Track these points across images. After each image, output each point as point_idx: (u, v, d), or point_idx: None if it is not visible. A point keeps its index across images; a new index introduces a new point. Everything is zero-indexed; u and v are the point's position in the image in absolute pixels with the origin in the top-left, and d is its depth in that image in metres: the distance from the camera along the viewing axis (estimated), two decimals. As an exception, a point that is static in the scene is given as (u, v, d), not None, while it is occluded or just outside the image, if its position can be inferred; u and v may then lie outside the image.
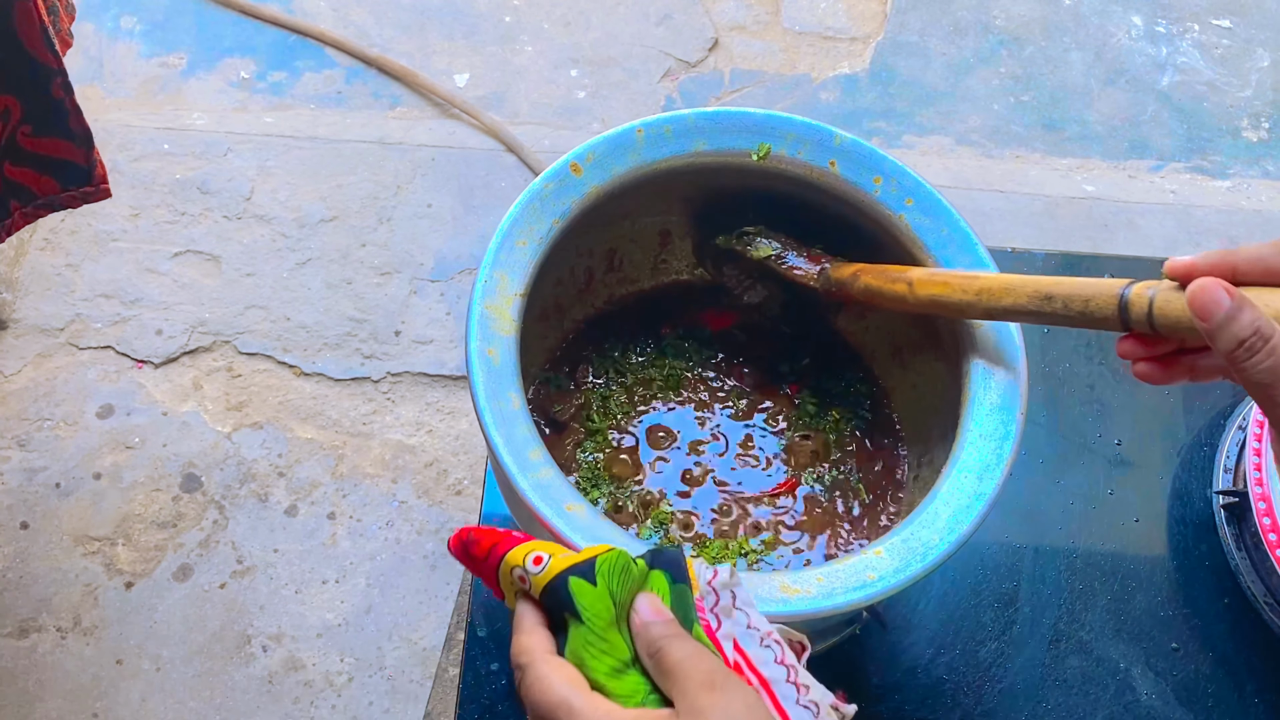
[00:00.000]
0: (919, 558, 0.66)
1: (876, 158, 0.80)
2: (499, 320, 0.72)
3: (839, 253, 0.83)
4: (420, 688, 1.49)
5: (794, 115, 0.81)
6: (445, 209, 1.90)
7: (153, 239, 1.84)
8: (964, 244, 0.77)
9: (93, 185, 1.26)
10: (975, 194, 1.97)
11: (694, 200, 0.87)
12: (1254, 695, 0.88)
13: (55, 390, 1.69)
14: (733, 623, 0.55)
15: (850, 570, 0.65)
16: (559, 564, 0.54)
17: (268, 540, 1.59)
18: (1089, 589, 0.92)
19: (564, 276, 0.88)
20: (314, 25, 2.10)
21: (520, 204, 0.76)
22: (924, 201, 0.79)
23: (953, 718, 0.86)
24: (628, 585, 0.54)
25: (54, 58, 1.13)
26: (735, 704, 0.48)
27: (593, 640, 0.52)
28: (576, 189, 0.77)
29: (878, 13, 2.22)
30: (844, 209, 0.81)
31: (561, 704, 0.49)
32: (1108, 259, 1.10)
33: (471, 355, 0.69)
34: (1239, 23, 2.25)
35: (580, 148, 0.78)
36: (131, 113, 1.98)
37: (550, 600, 0.54)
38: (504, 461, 0.66)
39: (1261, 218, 2.00)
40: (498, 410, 0.68)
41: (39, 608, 1.52)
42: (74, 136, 1.22)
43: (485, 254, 0.74)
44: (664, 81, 2.09)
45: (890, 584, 0.65)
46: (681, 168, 0.80)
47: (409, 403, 1.71)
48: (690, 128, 0.80)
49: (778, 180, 0.82)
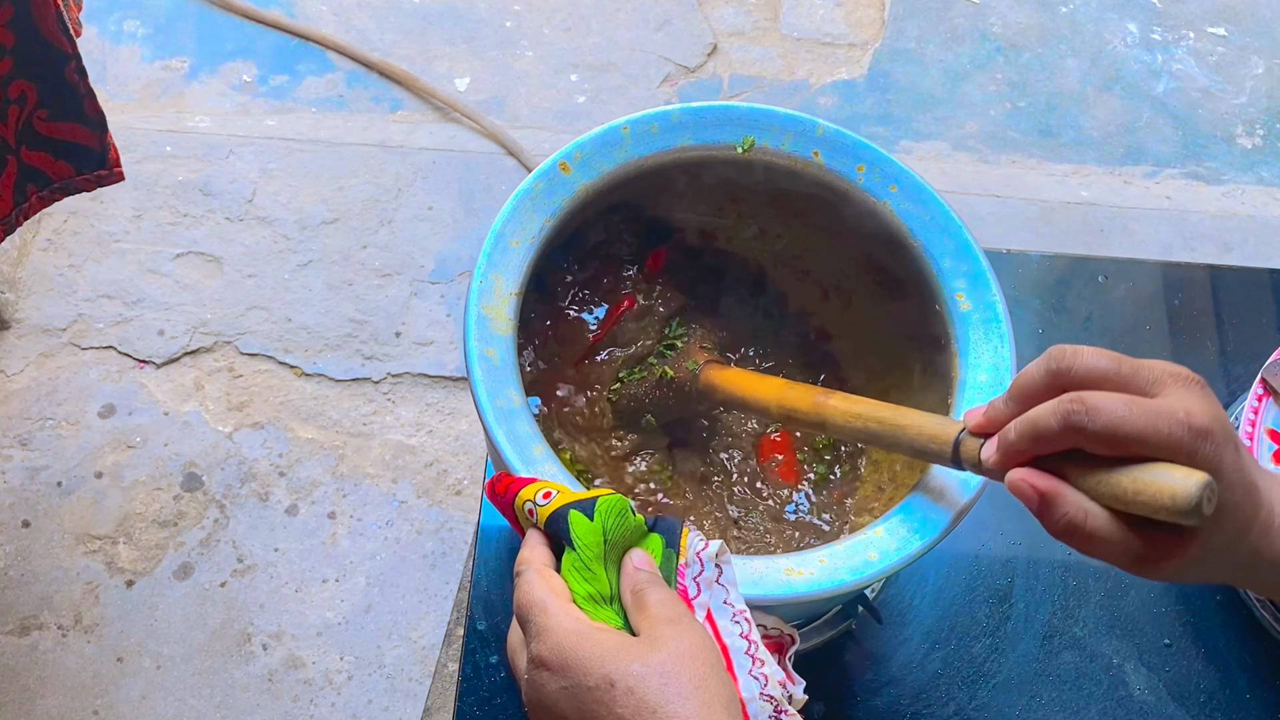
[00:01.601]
0: (918, 536, 0.67)
1: (860, 146, 0.81)
2: (496, 320, 0.73)
3: (827, 238, 0.84)
4: (419, 686, 1.50)
5: (777, 107, 0.83)
6: (446, 211, 1.91)
7: (155, 240, 1.85)
8: (947, 226, 0.78)
9: (106, 169, 1.28)
10: (971, 199, 1.99)
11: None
12: (1246, 691, 0.89)
13: (57, 390, 1.70)
14: (710, 594, 0.59)
15: (852, 550, 0.66)
16: (564, 498, 0.59)
17: (268, 539, 1.60)
18: (1082, 585, 0.93)
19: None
20: (316, 29, 2.11)
21: (511, 204, 0.77)
22: (907, 187, 0.80)
23: (947, 712, 0.87)
24: (623, 529, 0.58)
25: (69, 43, 1.15)
26: (690, 639, 0.53)
27: (579, 568, 0.57)
28: (566, 187, 0.78)
29: (876, 19, 2.24)
30: (829, 196, 0.82)
31: (539, 604, 0.55)
32: (1101, 261, 1.11)
33: (471, 356, 0.71)
34: (1234, 30, 2.27)
35: (568, 146, 0.79)
36: (134, 115, 1.99)
37: (551, 529, 0.59)
38: (507, 457, 0.67)
39: (1255, 223, 2.01)
40: (499, 409, 0.69)
41: (40, 605, 1.53)
42: (88, 121, 1.23)
43: (479, 255, 0.75)
44: (663, 86, 2.10)
45: (892, 562, 0.66)
46: (669, 163, 0.81)
47: (409, 403, 1.72)
48: (675, 123, 0.81)
49: (762, 172, 0.83)
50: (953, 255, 0.77)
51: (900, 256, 0.80)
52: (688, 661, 0.51)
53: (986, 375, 0.73)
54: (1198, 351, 1.05)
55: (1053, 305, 1.07)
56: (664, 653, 0.52)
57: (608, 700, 0.51)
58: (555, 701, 0.52)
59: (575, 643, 0.52)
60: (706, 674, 0.51)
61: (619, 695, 0.50)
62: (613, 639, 0.53)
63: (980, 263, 0.77)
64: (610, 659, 0.51)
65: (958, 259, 0.77)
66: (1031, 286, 1.08)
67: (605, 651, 0.52)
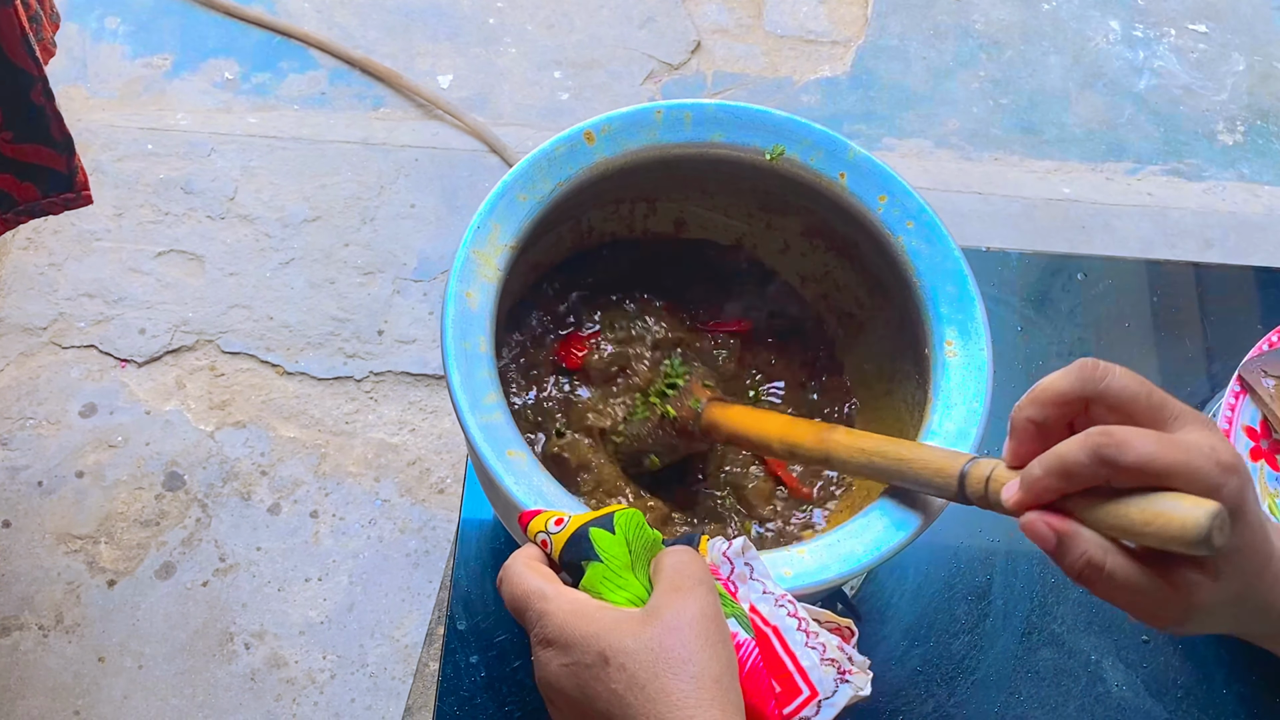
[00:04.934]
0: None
1: (885, 176, 0.79)
2: (484, 266, 0.72)
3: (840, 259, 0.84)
4: (402, 685, 1.50)
5: (813, 122, 0.81)
6: (428, 209, 1.91)
7: (136, 238, 1.84)
8: (953, 274, 0.77)
9: (74, 192, 1.27)
10: (954, 196, 1.99)
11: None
12: (1222, 686, 0.89)
13: (38, 389, 1.69)
14: (748, 589, 0.59)
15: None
16: (578, 520, 0.58)
17: (250, 538, 1.59)
18: (1061, 582, 0.93)
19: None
20: (298, 27, 2.11)
21: (528, 161, 0.76)
22: (923, 226, 0.78)
23: (926, 709, 0.87)
24: (643, 540, 0.57)
25: (34, 65, 1.14)
26: (690, 608, 0.52)
27: (610, 576, 0.55)
28: (586, 156, 0.77)
29: (859, 16, 2.24)
30: (845, 221, 0.81)
31: (535, 591, 0.54)
32: (1083, 259, 1.12)
33: (449, 294, 0.71)
34: (1215, 28, 2.28)
35: (598, 119, 0.78)
36: (115, 113, 1.98)
37: (570, 553, 0.57)
38: (456, 398, 0.67)
39: (1236, 220, 2.02)
40: (462, 350, 0.69)
41: (21, 606, 1.53)
42: (55, 143, 1.22)
43: (483, 202, 0.74)
44: (647, 84, 2.10)
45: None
46: (694, 155, 0.80)
47: (391, 402, 1.72)
48: (709, 117, 0.80)
49: (783, 182, 0.82)
50: (951, 302, 0.76)
51: (903, 294, 0.79)
52: (682, 634, 0.51)
53: (954, 426, 0.72)
54: (1179, 348, 1.05)
55: (1033, 303, 1.08)
56: (658, 626, 0.51)
57: (603, 677, 0.51)
58: (558, 679, 0.52)
59: (575, 621, 0.52)
60: (698, 646, 0.51)
61: (612, 672, 0.50)
62: (610, 614, 0.52)
63: (976, 315, 0.75)
64: (605, 635, 0.51)
65: (954, 307, 0.76)
66: (1012, 285, 1.09)
67: (601, 628, 0.52)
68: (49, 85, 1.16)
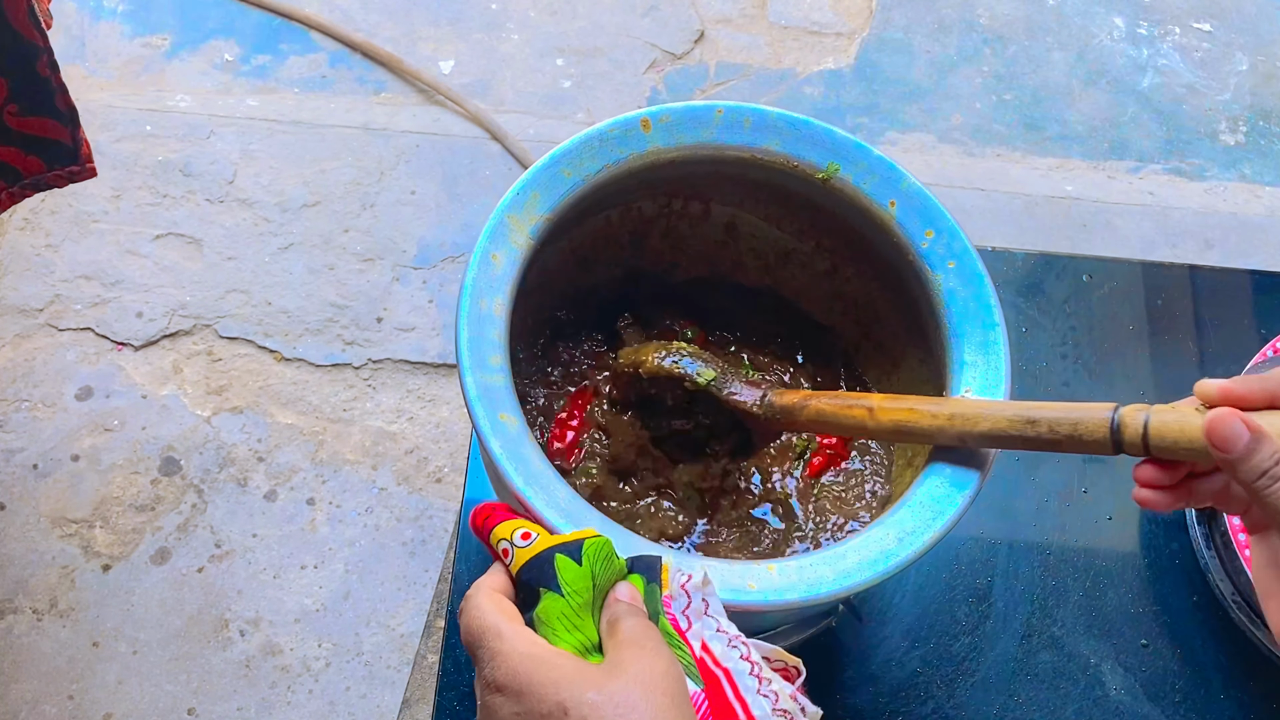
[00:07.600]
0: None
1: (935, 211, 0.78)
2: (516, 232, 0.72)
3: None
4: (398, 674, 1.50)
5: (873, 147, 0.80)
6: (429, 196, 1.90)
7: (134, 221, 1.83)
8: (984, 320, 0.75)
9: (79, 164, 1.26)
10: (956, 191, 1.99)
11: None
12: (1220, 692, 0.90)
13: (34, 371, 1.68)
14: (702, 624, 0.58)
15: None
16: (546, 541, 0.57)
17: (246, 525, 1.59)
18: (1061, 585, 0.93)
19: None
20: (299, 9, 2.09)
21: (579, 139, 0.76)
22: (965, 269, 0.77)
23: (926, 710, 0.88)
24: (609, 574, 0.56)
25: (40, 35, 1.13)
26: (653, 666, 0.52)
27: (568, 614, 0.54)
28: (639, 143, 0.77)
29: (863, 8, 2.23)
30: (889, 249, 0.80)
31: (491, 629, 0.53)
32: (1085, 260, 1.12)
33: (476, 252, 0.70)
34: (1219, 26, 2.28)
35: (657, 109, 0.78)
36: (114, 93, 1.97)
37: (530, 574, 0.56)
38: (460, 354, 0.67)
39: (1237, 220, 2.02)
40: (477, 309, 0.69)
41: (15, 589, 1.52)
42: (60, 115, 1.21)
43: (526, 173, 0.74)
44: (649, 73, 2.09)
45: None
46: (746, 159, 0.80)
47: (390, 389, 1.71)
48: (770, 124, 0.79)
49: (834, 201, 0.81)
50: (977, 348, 0.74)
51: (935, 335, 0.78)
52: (646, 690, 0.50)
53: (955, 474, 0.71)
54: (1179, 353, 1.05)
55: (1036, 304, 1.08)
56: (622, 680, 0.51)
57: None
58: None
59: (532, 668, 0.51)
60: (664, 704, 0.50)
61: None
62: (570, 665, 0.52)
63: (1001, 364, 0.74)
64: (565, 685, 0.50)
65: (980, 352, 0.74)
66: (1014, 284, 1.09)
67: (561, 677, 0.51)
68: (54, 56, 1.15)
